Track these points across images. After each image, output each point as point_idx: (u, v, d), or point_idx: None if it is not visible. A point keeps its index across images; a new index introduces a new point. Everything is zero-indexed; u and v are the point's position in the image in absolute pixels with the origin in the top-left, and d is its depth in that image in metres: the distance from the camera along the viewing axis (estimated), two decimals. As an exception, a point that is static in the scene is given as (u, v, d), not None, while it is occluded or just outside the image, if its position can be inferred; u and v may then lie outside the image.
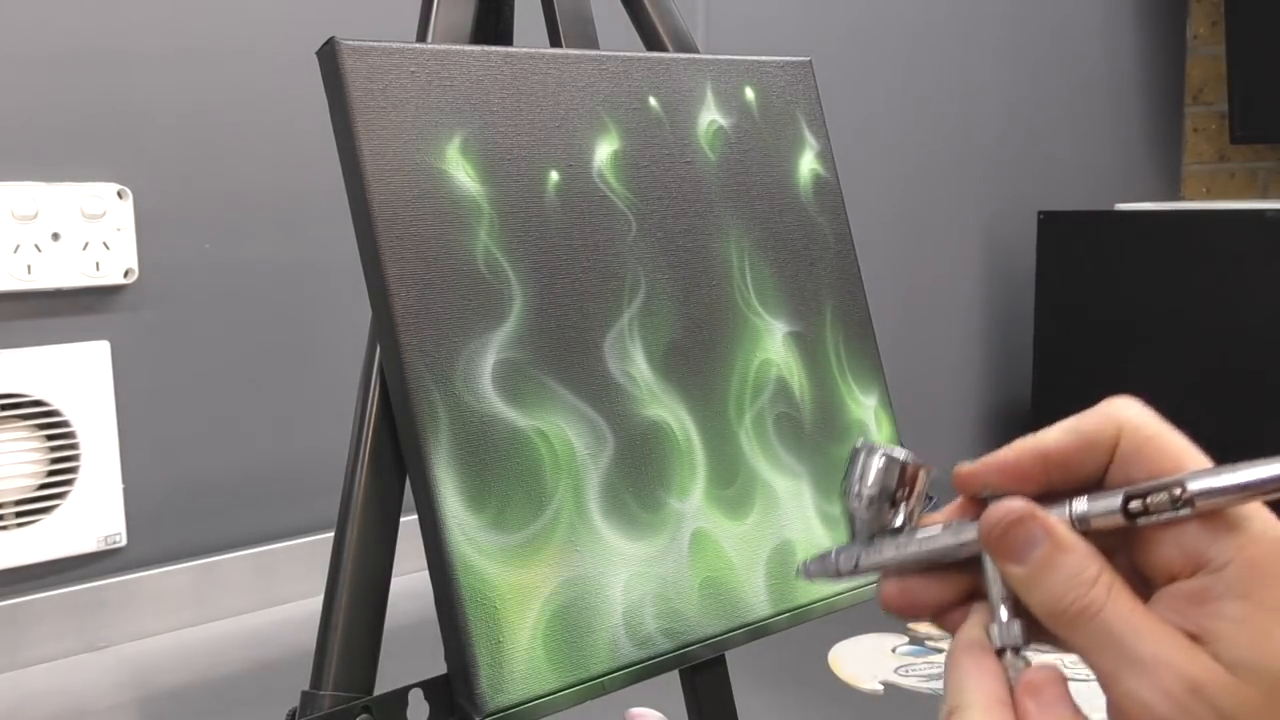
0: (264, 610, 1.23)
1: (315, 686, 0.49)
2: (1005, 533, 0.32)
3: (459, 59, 0.54)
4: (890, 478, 0.35)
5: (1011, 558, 0.32)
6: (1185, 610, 0.30)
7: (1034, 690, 0.31)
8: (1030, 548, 0.31)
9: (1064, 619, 0.31)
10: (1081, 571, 0.31)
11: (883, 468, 0.35)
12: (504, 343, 0.52)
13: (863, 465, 0.35)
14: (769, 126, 0.65)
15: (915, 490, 0.35)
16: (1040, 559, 0.31)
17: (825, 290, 0.65)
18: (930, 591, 0.35)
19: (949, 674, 0.33)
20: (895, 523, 0.35)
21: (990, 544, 0.32)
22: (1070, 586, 0.31)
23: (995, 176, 2.01)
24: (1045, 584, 0.31)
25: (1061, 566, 0.31)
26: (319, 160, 1.18)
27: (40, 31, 1.08)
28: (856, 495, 0.35)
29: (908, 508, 0.35)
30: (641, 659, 0.53)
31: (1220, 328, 1.70)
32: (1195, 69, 2.37)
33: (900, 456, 0.35)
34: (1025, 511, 0.31)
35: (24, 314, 1.10)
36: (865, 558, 0.36)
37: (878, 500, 0.35)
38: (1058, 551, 0.31)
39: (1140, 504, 0.31)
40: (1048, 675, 0.31)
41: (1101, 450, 0.32)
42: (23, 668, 1.08)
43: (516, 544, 0.50)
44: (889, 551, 0.35)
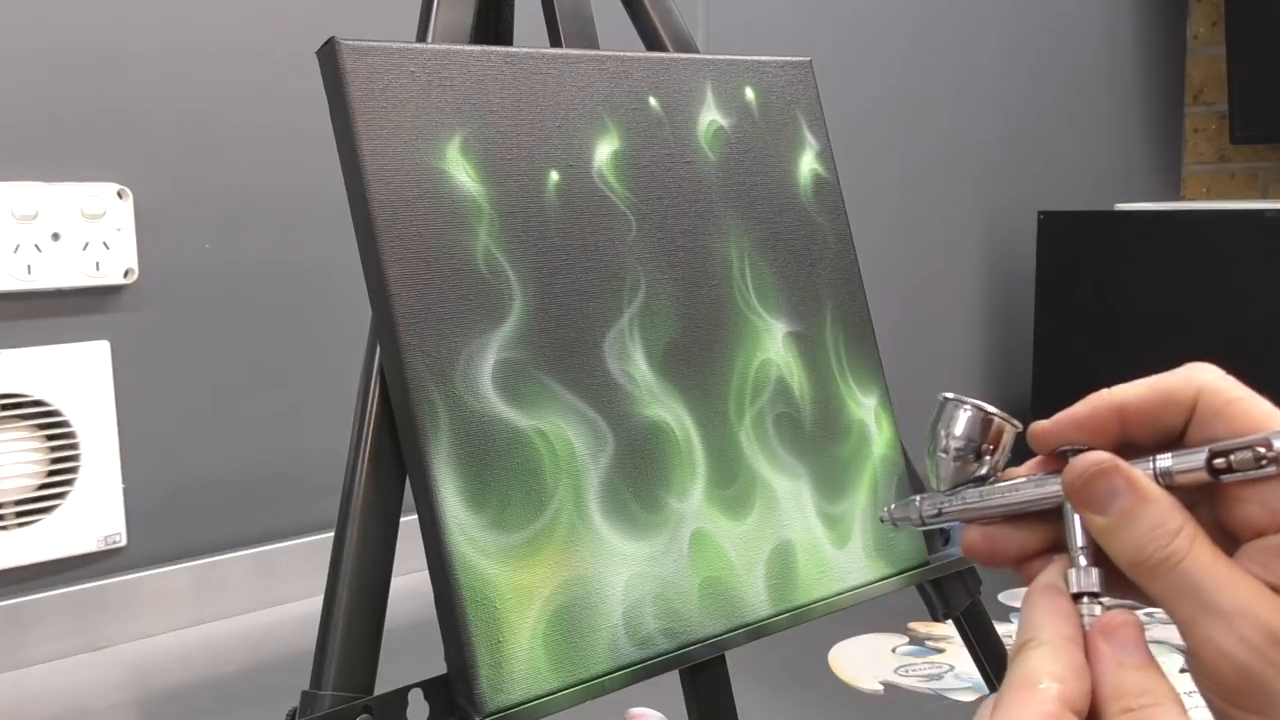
0: (264, 610, 1.23)
1: (315, 686, 0.49)
2: (1089, 483, 0.32)
3: (459, 59, 0.54)
4: (976, 430, 0.36)
5: (1094, 507, 0.32)
6: (1270, 563, 0.31)
7: (1109, 631, 0.31)
8: (1113, 498, 0.32)
9: (1145, 568, 0.31)
10: (1164, 523, 0.31)
11: (970, 419, 0.36)
12: (504, 343, 0.52)
13: (950, 416, 0.36)
14: (769, 126, 0.65)
15: (1000, 445, 0.36)
16: (1123, 509, 0.32)
17: (825, 290, 0.65)
18: (1013, 540, 0.36)
19: (1024, 612, 0.33)
20: (979, 474, 0.36)
21: (1074, 494, 0.33)
22: (1152, 537, 0.31)
23: (995, 176, 2.01)
24: (1127, 533, 0.31)
25: (1144, 517, 0.31)
26: (319, 160, 1.18)
27: (40, 31, 1.08)
28: (943, 445, 0.36)
29: (992, 460, 0.36)
30: (641, 659, 0.53)
31: (1220, 328, 1.70)
32: (1195, 69, 2.37)
33: (988, 409, 0.36)
34: (1109, 463, 0.32)
35: (24, 314, 1.10)
36: (949, 505, 0.37)
37: (964, 451, 0.36)
38: (1140, 502, 0.31)
39: (1225, 461, 0.31)
40: (1125, 618, 0.31)
41: (1179, 408, 0.33)
42: (23, 668, 1.08)
43: (516, 544, 0.50)
44: (972, 499, 0.36)
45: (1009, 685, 0.31)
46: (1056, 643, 0.31)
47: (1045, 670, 0.30)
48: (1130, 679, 0.30)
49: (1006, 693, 0.30)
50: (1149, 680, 0.30)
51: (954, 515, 0.37)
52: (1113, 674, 0.30)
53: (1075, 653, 0.31)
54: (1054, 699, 0.30)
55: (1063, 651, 0.31)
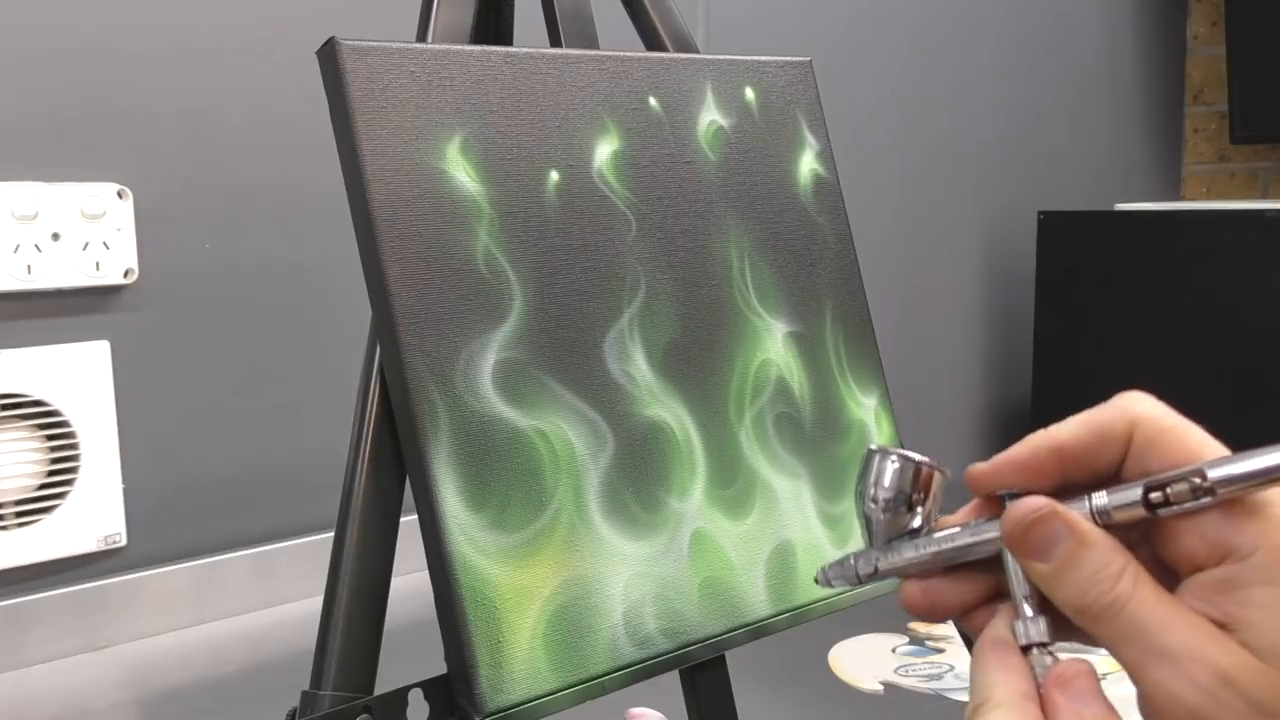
0: (264, 610, 1.23)
1: (315, 686, 0.49)
2: (1028, 531, 0.31)
3: (459, 59, 0.54)
4: (905, 481, 0.35)
5: (1035, 555, 0.31)
6: (1212, 599, 0.30)
7: (1063, 683, 0.31)
8: (1053, 544, 0.31)
9: (1090, 613, 0.31)
10: (1106, 566, 0.30)
11: (898, 471, 0.35)
12: (504, 343, 0.52)
13: (878, 469, 0.35)
14: (769, 126, 0.65)
15: (931, 493, 0.35)
16: (1064, 555, 0.31)
17: (825, 290, 0.65)
18: (953, 592, 0.35)
19: (974, 671, 0.32)
20: (912, 525, 0.35)
21: (1013, 543, 0.32)
22: (1095, 581, 0.30)
23: (995, 176, 2.01)
24: (1070, 580, 0.31)
25: (1086, 562, 0.31)
26: (319, 160, 1.18)
27: (40, 31, 1.08)
28: (872, 499, 0.35)
29: (924, 510, 0.35)
30: (641, 659, 0.53)
31: (1220, 328, 1.70)
32: (1195, 69, 2.37)
33: (915, 459, 0.35)
34: (1047, 509, 0.31)
35: (24, 314, 1.10)
36: (884, 561, 0.36)
37: (894, 504, 0.35)
38: (1081, 547, 0.31)
39: (1161, 494, 0.31)
40: (1078, 669, 0.31)
41: (1115, 443, 0.32)
42: (23, 668, 1.08)
43: (516, 544, 0.50)
44: (908, 554, 0.35)
45: None
46: (1012, 701, 0.31)
47: None
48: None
49: None
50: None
51: (891, 571, 0.36)
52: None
53: (1031, 709, 0.30)
54: None
55: (1019, 710, 0.30)
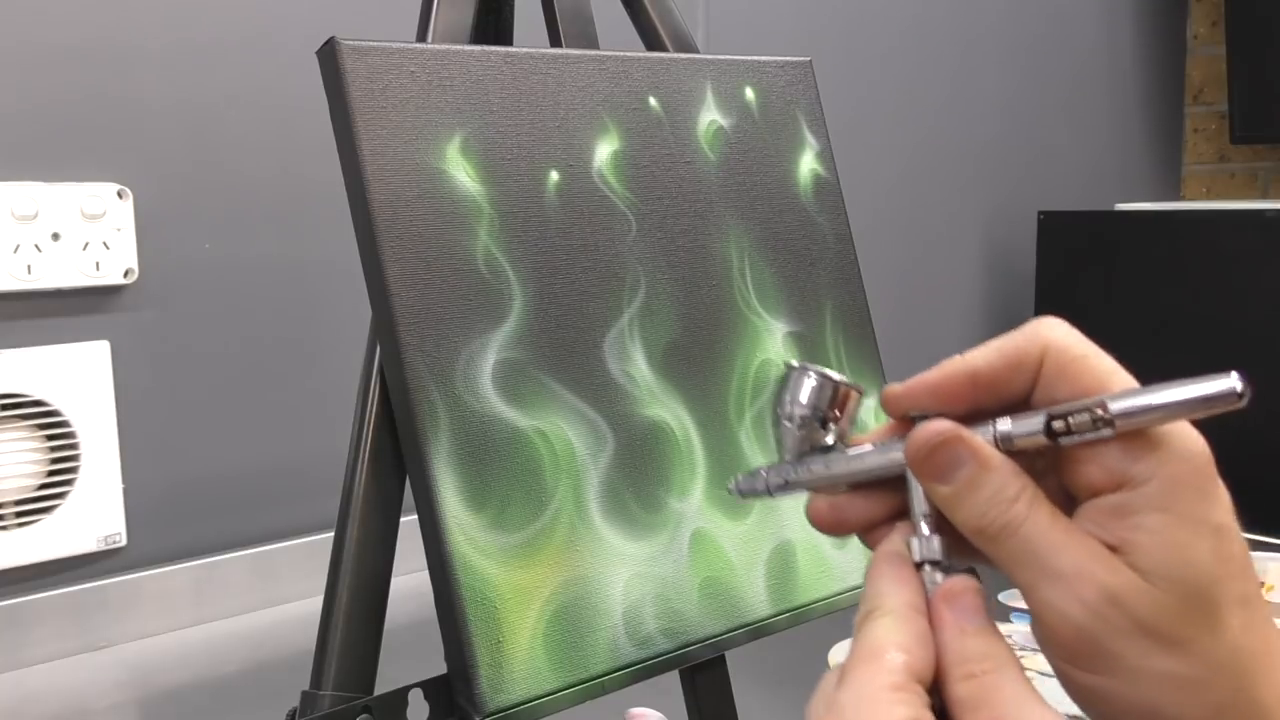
0: (264, 610, 1.23)
1: (315, 686, 0.49)
2: (931, 453, 0.32)
3: (459, 59, 0.54)
4: (822, 398, 0.35)
5: (937, 477, 0.32)
6: (1106, 523, 0.31)
7: (950, 597, 0.31)
8: (955, 468, 0.32)
9: (987, 534, 0.31)
10: (1004, 489, 0.31)
11: (815, 387, 0.36)
12: (504, 343, 0.52)
13: (794, 384, 0.36)
14: (769, 126, 0.65)
15: (846, 411, 0.36)
16: (965, 478, 0.32)
17: (825, 290, 0.65)
18: (858, 509, 0.36)
19: (868, 580, 0.33)
20: (825, 442, 0.36)
21: (916, 464, 0.33)
22: (993, 504, 0.31)
23: (995, 176, 2.01)
24: (969, 502, 0.32)
25: (985, 485, 0.31)
26: (319, 160, 1.18)
27: (40, 30, 1.08)
28: (788, 414, 0.36)
29: (838, 428, 0.36)
30: (641, 659, 0.53)
31: (1220, 328, 1.70)
32: (1195, 69, 2.37)
33: (834, 378, 0.36)
34: (951, 433, 0.32)
35: (24, 314, 1.10)
36: (794, 475, 0.36)
37: (809, 419, 0.36)
38: (982, 471, 0.31)
39: (1063, 424, 0.31)
40: (965, 584, 0.32)
41: (1028, 370, 0.33)
42: (23, 668, 1.08)
43: (516, 544, 0.50)
44: (818, 469, 0.36)
45: (855, 656, 0.31)
46: (901, 611, 0.31)
47: (891, 640, 0.30)
48: (971, 645, 0.30)
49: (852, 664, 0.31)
50: (989, 645, 0.30)
51: (800, 485, 0.36)
52: (955, 640, 0.30)
53: (919, 621, 0.31)
54: (900, 669, 0.30)
55: (907, 620, 0.31)
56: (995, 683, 0.29)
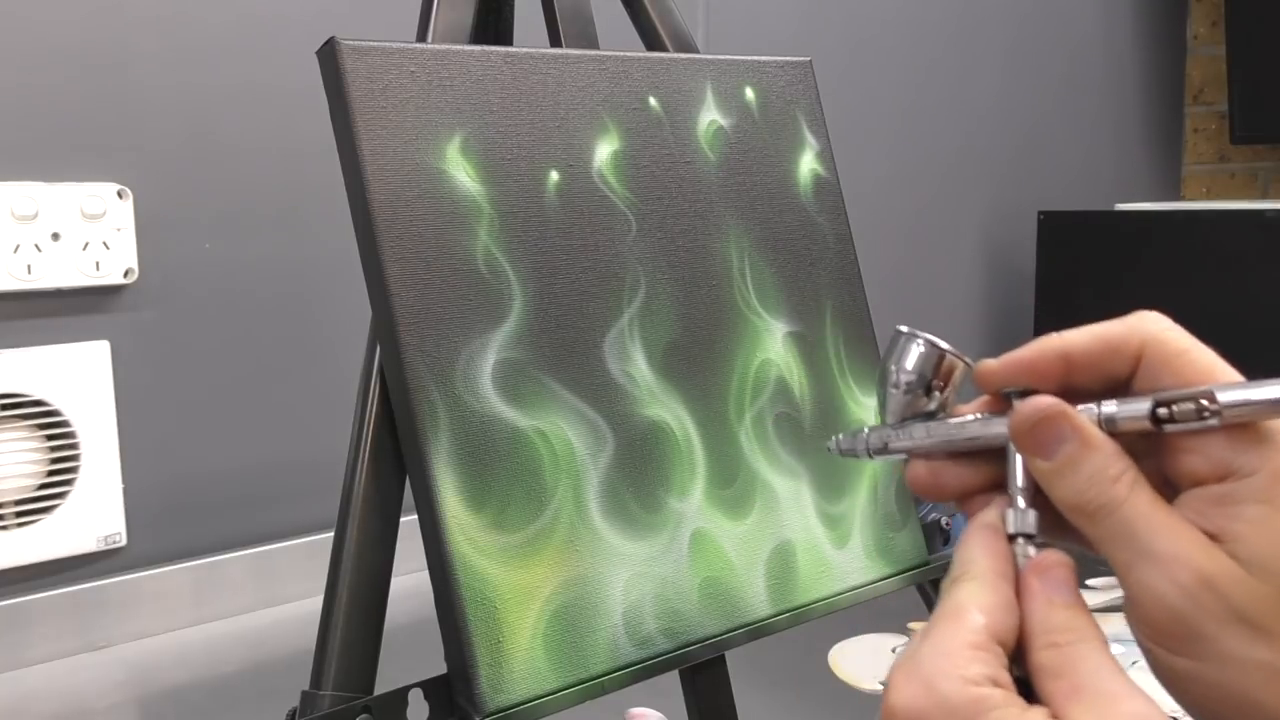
0: (264, 610, 1.23)
1: (315, 686, 0.49)
2: (1035, 427, 0.32)
3: (459, 59, 0.54)
4: (928, 365, 0.36)
5: (1039, 452, 0.32)
6: (1207, 511, 0.31)
7: (1042, 570, 0.32)
8: (1058, 443, 0.32)
9: (1085, 512, 0.32)
10: (1106, 469, 0.32)
11: (923, 354, 0.36)
12: (504, 343, 0.52)
13: (902, 350, 0.36)
14: (769, 127, 0.65)
15: (950, 381, 0.36)
16: (1067, 455, 0.32)
17: (825, 290, 0.65)
18: (956, 476, 0.36)
19: (960, 547, 0.34)
20: (928, 409, 0.36)
21: (1020, 437, 0.33)
22: (1094, 482, 0.31)
23: (995, 176, 2.01)
24: (1070, 479, 0.32)
25: (1087, 463, 0.32)
26: (319, 160, 1.18)
27: (41, 31, 1.08)
28: (894, 380, 0.36)
29: (941, 396, 0.36)
30: (641, 659, 0.53)
31: (1220, 328, 1.70)
32: (1195, 69, 2.37)
33: (941, 346, 0.36)
34: (1056, 409, 0.32)
35: (24, 314, 1.10)
36: (895, 439, 0.37)
37: (914, 385, 0.36)
38: (1085, 449, 0.32)
39: (1168, 411, 0.31)
40: (1057, 558, 0.32)
41: (1124, 358, 0.33)
42: (23, 668, 1.08)
43: (516, 544, 0.50)
44: (918, 435, 0.36)
45: (938, 615, 0.31)
46: (988, 577, 0.32)
47: (975, 602, 0.31)
48: (1058, 616, 0.31)
49: (935, 622, 0.31)
50: (1076, 619, 0.31)
51: (900, 449, 0.37)
52: (1041, 610, 0.31)
53: (1005, 589, 0.32)
54: (981, 629, 0.30)
55: (993, 586, 0.31)
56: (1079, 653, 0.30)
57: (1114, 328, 0.34)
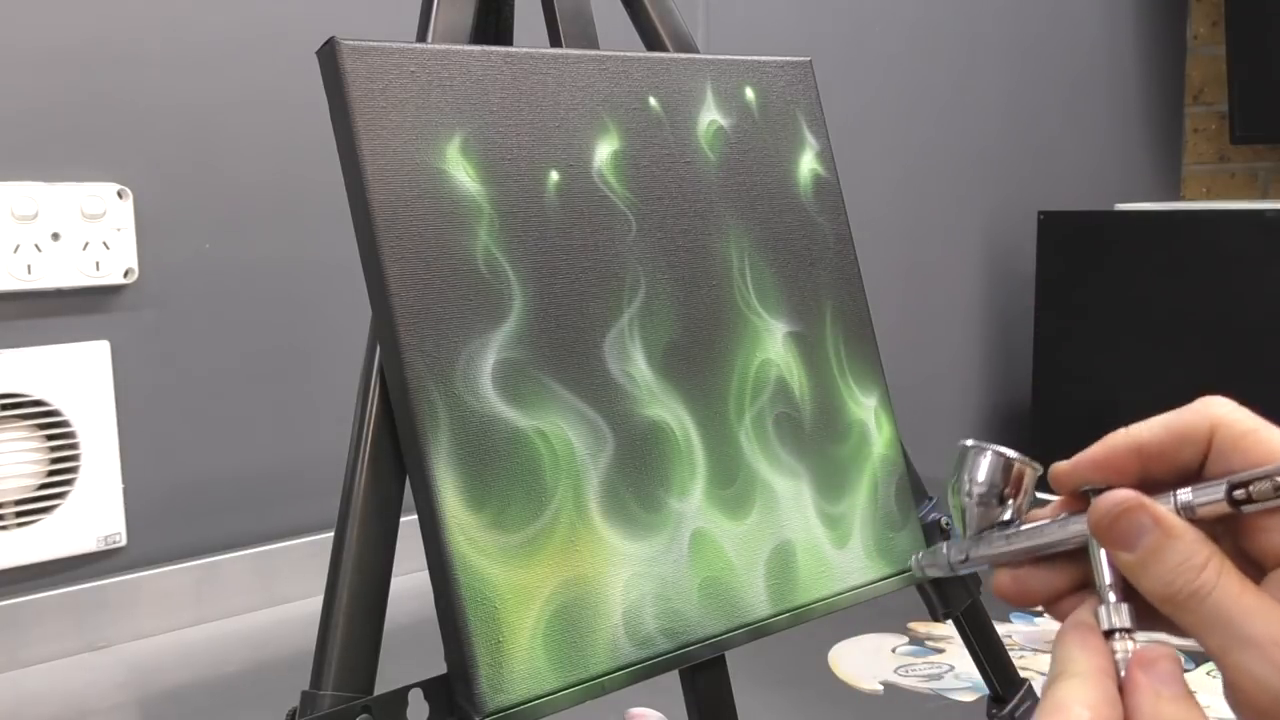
0: (264, 610, 1.23)
1: (315, 686, 0.49)
2: (1115, 521, 0.33)
3: (459, 59, 0.54)
4: (998, 474, 0.37)
5: (1122, 545, 0.33)
6: None
7: (1147, 663, 0.32)
8: (1140, 535, 0.32)
9: (1175, 602, 0.32)
10: (1191, 556, 0.32)
11: (991, 464, 0.37)
12: (504, 343, 0.52)
13: (972, 463, 0.37)
14: (769, 126, 0.65)
15: (1022, 487, 0.37)
16: (1150, 546, 0.32)
17: (825, 290, 0.65)
18: (1042, 581, 0.37)
19: (1056, 649, 0.34)
20: (1003, 518, 0.37)
21: (1101, 532, 0.33)
22: (1180, 571, 0.32)
23: (995, 176, 2.01)
24: (1156, 569, 0.32)
25: (1171, 552, 0.32)
26: (319, 160, 1.18)
27: (40, 31, 1.08)
28: (967, 492, 0.37)
29: (1015, 503, 0.37)
30: (641, 659, 0.53)
31: (1220, 328, 1.70)
32: (1195, 69, 2.37)
33: (1009, 455, 0.37)
34: (1134, 501, 0.32)
35: (24, 314, 1.10)
36: (975, 551, 0.38)
37: (987, 496, 0.37)
38: (1167, 538, 0.32)
39: (1244, 492, 0.32)
40: (1163, 651, 0.32)
41: (1195, 444, 0.34)
42: (23, 668, 1.08)
43: (516, 544, 0.50)
44: (998, 544, 0.37)
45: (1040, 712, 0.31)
46: (1089, 674, 0.32)
47: (1077, 699, 0.31)
48: (1167, 710, 0.31)
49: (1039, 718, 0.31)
50: (1186, 711, 0.31)
51: (981, 559, 0.38)
52: (1150, 704, 0.31)
53: (1107, 684, 0.32)
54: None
55: (1095, 682, 0.31)
56: None
57: (1183, 416, 0.34)
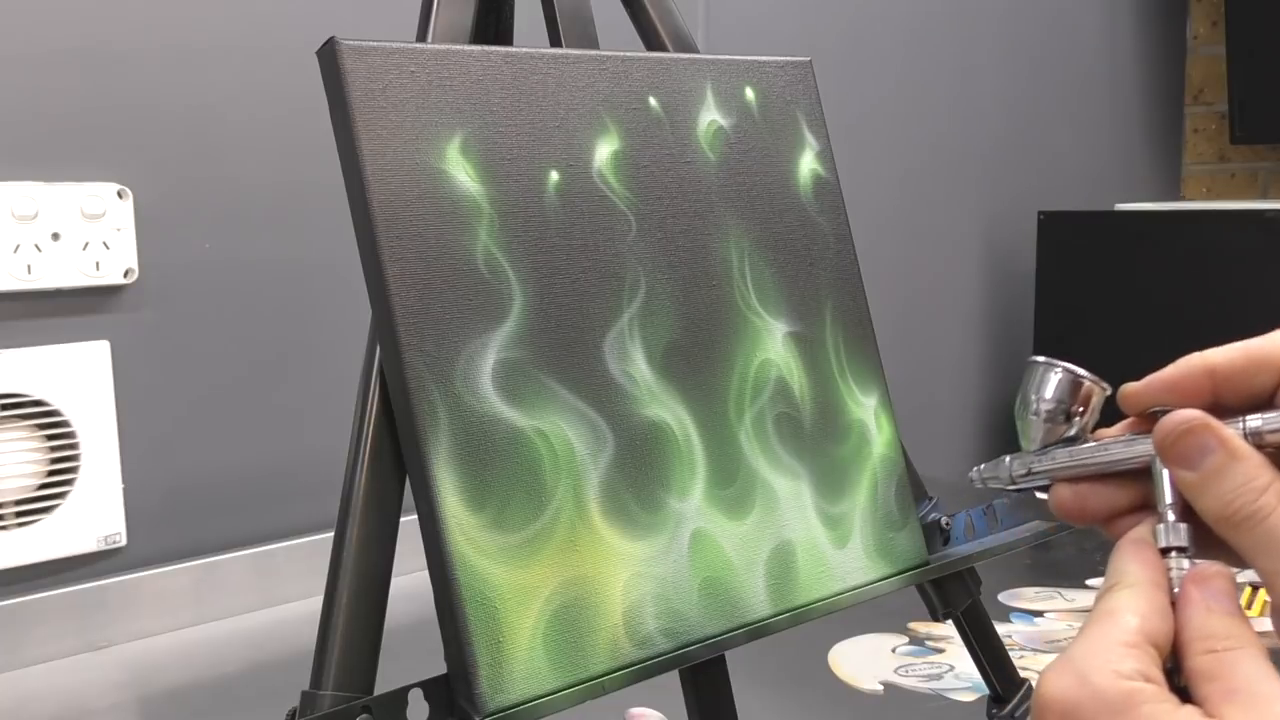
0: (264, 610, 1.23)
1: (315, 686, 0.49)
2: (1179, 439, 0.33)
3: (459, 59, 0.54)
4: (1066, 392, 0.37)
5: (1184, 464, 0.33)
6: None
7: (1201, 580, 0.32)
8: (1203, 455, 0.32)
9: (1232, 523, 0.32)
10: (1253, 479, 0.32)
11: (1060, 381, 0.37)
12: (504, 343, 0.52)
13: (1040, 379, 0.37)
14: (769, 126, 0.65)
15: (1089, 406, 0.37)
16: (1212, 466, 0.32)
17: (825, 290, 0.65)
18: (1102, 498, 0.37)
19: (1112, 560, 0.34)
20: (1068, 435, 0.37)
21: (1164, 450, 0.33)
22: (1240, 493, 0.32)
23: (995, 176, 2.01)
24: (1216, 489, 0.32)
25: (1233, 473, 0.32)
26: (319, 160, 1.18)
27: (40, 31, 1.08)
28: (1034, 408, 0.38)
29: (1081, 422, 0.37)
30: (641, 659, 0.53)
31: (1220, 328, 1.69)
32: (1195, 69, 2.37)
33: (1078, 372, 0.37)
34: (1200, 421, 0.33)
35: (24, 314, 1.10)
36: (1039, 464, 0.38)
37: (1055, 413, 0.37)
38: (1230, 459, 0.32)
39: None
40: (1218, 569, 0.33)
41: (1269, 371, 0.34)
42: (23, 668, 1.08)
43: (516, 544, 0.50)
44: (1062, 459, 0.37)
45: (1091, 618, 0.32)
46: (1141, 585, 0.32)
47: (1128, 606, 0.31)
48: (1217, 623, 0.31)
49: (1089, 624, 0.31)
50: (1235, 625, 0.31)
51: (1044, 474, 0.38)
52: (1200, 616, 0.31)
53: (1159, 595, 0.32)
54: (1135, 629, 0.31)
55: (1147, 593, 0.32)
56: (1237, 658, 0.30)
57: (1259, 343, 0.34)
